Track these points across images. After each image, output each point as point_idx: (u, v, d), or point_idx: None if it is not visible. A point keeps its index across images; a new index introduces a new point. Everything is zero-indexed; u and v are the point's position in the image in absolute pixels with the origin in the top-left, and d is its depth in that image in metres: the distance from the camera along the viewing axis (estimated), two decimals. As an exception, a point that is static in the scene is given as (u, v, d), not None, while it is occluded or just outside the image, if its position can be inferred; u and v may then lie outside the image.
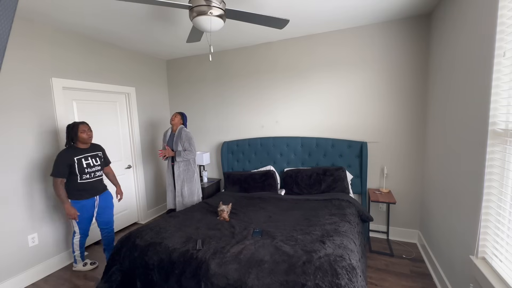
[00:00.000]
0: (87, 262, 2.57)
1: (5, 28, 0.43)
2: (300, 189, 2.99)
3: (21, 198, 2.34)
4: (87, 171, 2.28)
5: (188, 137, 2.96)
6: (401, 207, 2.91)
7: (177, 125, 3.03)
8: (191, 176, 3.02)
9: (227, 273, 1.52)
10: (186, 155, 2.90)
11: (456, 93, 1.88)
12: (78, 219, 2.28)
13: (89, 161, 2.31)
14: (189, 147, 2.93)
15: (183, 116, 3.10)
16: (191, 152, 2.94)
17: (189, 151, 2.93)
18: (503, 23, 1.32)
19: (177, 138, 2.96)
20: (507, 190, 1.32)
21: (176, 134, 2.98)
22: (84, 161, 2.27)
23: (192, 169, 3.03)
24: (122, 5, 2.15)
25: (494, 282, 1.28)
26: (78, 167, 2.23)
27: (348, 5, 2.32)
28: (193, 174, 3.04)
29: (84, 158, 2.28)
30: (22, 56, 2.34)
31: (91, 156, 2.34)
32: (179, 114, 3.07)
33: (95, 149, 2.42)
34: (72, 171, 2.21)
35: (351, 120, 3.03)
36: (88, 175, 2.30)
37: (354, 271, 1.46)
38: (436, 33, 2.39)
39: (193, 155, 2.97)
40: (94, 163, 2.34)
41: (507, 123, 1.31)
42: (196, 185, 3.08)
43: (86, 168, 2.28)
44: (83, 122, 2.33)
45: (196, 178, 3.08)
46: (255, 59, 3.45)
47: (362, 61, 2.90)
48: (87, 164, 2.29)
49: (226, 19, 1.82)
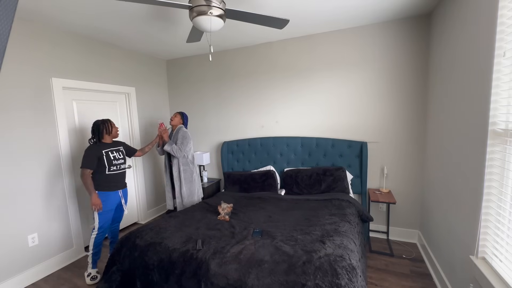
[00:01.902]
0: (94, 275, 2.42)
1: (5, 28, 0.43)
2: (300, 189, 2.99)
3: (21, 198, 2.34)
4: (114, 163, 2.45)
5: (183, 136, 2.89)
6: (401, 207, 2.91)
7: (176, 124, 3.00)
8: (189, 176, 2.98)
9: (227, 273, 1.52)
10: (174, 149, 2.82)
11: (456, 93, 1.88)
12: (102, 209, 2.37)
13: (115, 154, 2.48)
14: (180, 145, 2.85)
15: (183, 116, 3.06)
16: (179, 150, 2.84)
17: (178, 148, 2.83)
18: (503, 23, 1.32)
19: (174, 136, 2.93)
20: (507, 190, 1.32)
21: (174, 133, 2.96)
22: (111, 154, 2.44)
23: (190, 169, 2.99)
24: (122, 5, 2.15)
25: (494, 282, 1.28)
26: (106, 159, 2.39)
27: (348, 5, 2.32)
28: (191, 174, 3.00)
29: (110, 151, 2.46)
30: (22, 56, 2.34)
31: (115, 150, 2.51)
32: (179, 114, 3.04)
33: (118, 144, 2.59)
34: (101, 163, 2.37)
35: (351, 120, 3.03)
36: (115, 167, 2.46)
37: (354, 271, 1.46)
38: (436, 33, 2.39)
39: (180, 154, 2.85)
40: (118, 156, 2.51)
41: (507, 123, 1.31)
42: (196, 185, 3.05)
43: (113, 160, 2.45)
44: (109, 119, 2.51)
45: (195, 178, 3.04)
46: (255, 59, 3.45)
47: (362, 61, 2.90)
48: (114, 157, 2.46)
49: (226, 19, 1.82)
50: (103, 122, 2.45)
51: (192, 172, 3.00)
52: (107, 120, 2.48)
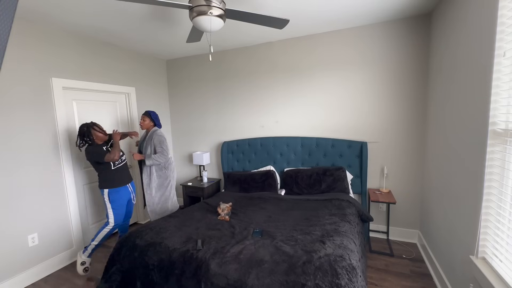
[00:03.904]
0: (87, 265, 2.43)
1: (5, 28, 0.43)
2: (300, 189, 2.99)
3: (21, 198, 2.34)
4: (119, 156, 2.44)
5: (159, 140, 2.75)
6: (401, 207, 2.91)
7: (148, 127, 2.84)
8: (162, 181, 2.85)
9: (227, 273, 1.52)
10: (157, 158, 2.70)
11: (456, 93, 1.88)
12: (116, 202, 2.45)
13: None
14: (161, 151, 2.73)
15: (151, 115, 2.84)
16: (162, 155, 2.72)
17: (160, 153, 2.72)
18: (503, 23, 1.32)
19: (148, 142, 2.77)
20: (507, 190, 1.32)
21: (147, 137, 2.80)
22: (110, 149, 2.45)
23: (165, 174, 2.85)
24: (122, 5, 2.15)
25: (494, 282, 1.28)
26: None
27: (348, 4, 2.32)
28: (165, 180, 2.86)
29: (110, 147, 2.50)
30: (22, 56, 2.34)
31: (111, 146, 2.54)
32: (147, 116, 2.83)
33: (108, 140, 2.59)
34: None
35: (351, 120, 3.03)
36: (119, 160, 2.50)
37: (354, 271, 1.46)
38: (436, 33, 2.39)
39: (164, 158, 2.75)
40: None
41: (507, 123, 1.31)
42: (171, 190, 2.91)
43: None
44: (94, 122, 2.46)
45: (169, 184, 2.89)
46: (255, 59, 3.45)
47: (362, 61, 2.90)
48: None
49: (226, 19, 1.82)
50: (88, 127, 2.38)
51: (167, 177, 2.87)
52: (93, 123, 2.43)
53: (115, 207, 2.48)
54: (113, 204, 2.47)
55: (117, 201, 2.48)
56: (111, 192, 2.44)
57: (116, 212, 2.48)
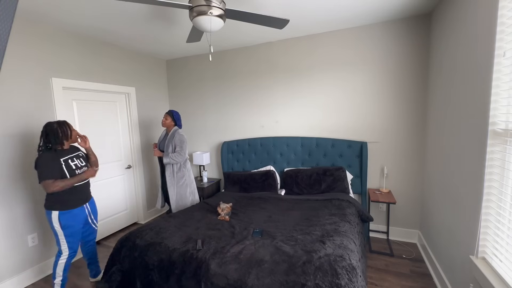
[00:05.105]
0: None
1: (5, 28, 0.43)
2: (300, 189, 2.99)
3: (21, 198, 2.34)
4: (77, 173, 2.01)
5: (180, 140, 2.79)
6: (401, 207, 2.91)
7: (170, 126, 2.89)
8: (179, 179, 2.86)
9: (227, 273, 1.52)
10: (174, 157, 2.74)
11: (456, 93, 1.88)
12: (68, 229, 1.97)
13: (76, 161, 2.04)
14: (180, 150, 2.77)
15: (173, 115, 2.89)
16: (180, 155, 2.76)
17: (178, 153, 2.75)
18: (503, 23, 1.32)
19: (169, 140, 2.81)
20: (507, 190, 1.32)
21: (169, 136, 2.84)
22: (71, 162, 2.00)
23: (182, 173, 2.87)
24: (122, 5, 2.15)
25: (494, 282, 1.28)
26: (67, 169, 1.95)
27: (349, 5, 2.32)
28: (181, 178, 2.87)
29: (70, 159, 2.01)
30: (22, 56, 2.34)
31: (75, 156, 2.07)
32: (169, 115, 2.88)
33: (75, 149, 2.13)
34: (62, 175, 1.93)
35: (351, 120, 3.03)
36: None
37: (354, 271, 1.46)
38: (436, 33, 2.39)
39: (182, 158, 2.78)
40: (80, 163, 2.07)
41: (507, 123, 1.31)
42: (186, 188, 2.91)
43: (76, 170, 2.01)
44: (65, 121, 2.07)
45: (185, 182, 2.90)
46: (255, 59, 3.45)
47: (362, 61, 2.90)
48: (75, 165, 2.02)
49: (226, 19, 1.82)
50: (59, 125, 1.97)
51: (183, 175, 2.89)
52: (63, 122, 2.01)
53: (68, 234, 1.98)
54: (66, 230, 1.96)
55: (70, 227, 1.98)
56: (62, 215, 1.94)
57: (69, 239, 1.99)
